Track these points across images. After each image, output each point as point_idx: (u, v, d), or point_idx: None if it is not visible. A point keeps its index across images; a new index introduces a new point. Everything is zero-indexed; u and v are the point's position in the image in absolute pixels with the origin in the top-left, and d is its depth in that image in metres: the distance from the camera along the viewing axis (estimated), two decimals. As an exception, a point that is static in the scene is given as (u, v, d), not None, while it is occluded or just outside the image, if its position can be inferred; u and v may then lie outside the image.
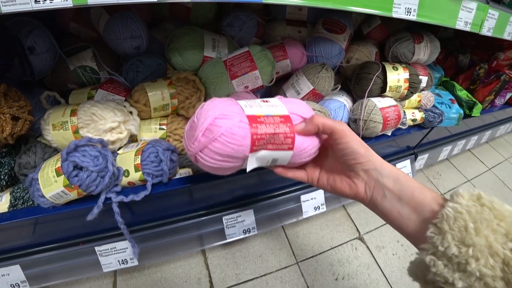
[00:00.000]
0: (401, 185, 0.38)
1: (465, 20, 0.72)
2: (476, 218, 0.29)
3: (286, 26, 0.87)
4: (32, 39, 0.62)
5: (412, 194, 0.37)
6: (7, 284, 0.66)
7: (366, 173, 0.40)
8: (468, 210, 0.29)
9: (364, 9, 0.56)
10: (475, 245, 0.27)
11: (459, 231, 0.29)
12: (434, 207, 0.34)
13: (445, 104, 1.05)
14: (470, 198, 0.31)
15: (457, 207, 0.30)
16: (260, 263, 0.82)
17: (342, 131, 0.40)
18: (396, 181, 0.38)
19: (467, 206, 0.30)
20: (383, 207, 0.39)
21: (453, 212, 0.30)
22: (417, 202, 0.36)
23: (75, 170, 0.53)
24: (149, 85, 0.64)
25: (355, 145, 0.40)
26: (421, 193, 0.36)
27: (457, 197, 0.32)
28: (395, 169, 0.40)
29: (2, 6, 0.38)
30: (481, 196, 0.31)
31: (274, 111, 0.41)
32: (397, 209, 0.38)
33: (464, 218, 0.29)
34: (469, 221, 0.29)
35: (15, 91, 0.59)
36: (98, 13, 0.69)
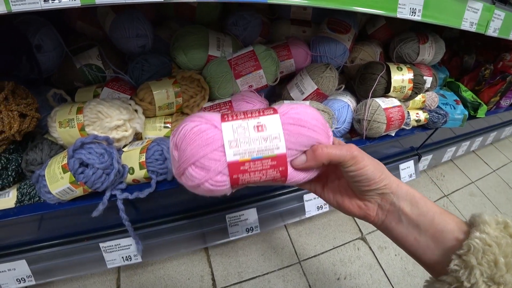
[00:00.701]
0: (419, 210, 0.34)
1: (471, 20, 0.71)
2: (507, 252, 0.26)
3: (290, 26, 0.87)
4: (40, 38, 0.63)
5: (432, 220, 0.33)
6: (13, 278, 0.67)
7: (381, 196, 0.36)
8: (497, 243, 0.27)
9: (369, 10, 0.55)
10: (506, 283, 0.25)
11: (489, 266, 0.26)
12: (458, 235, 0.31)
13: (450, 105, 1.04)
14: (497, 227, 0.29)
15: (485, 239, 0.27)
16: (262, 262, 0.83)
17: (353, 158, 0.34)
18: (414, 205, 0.34)
19: (496, 238, 0.27)
20: (397, 232, 0.36)
21: (481, 244, 0.27)
22: (437, 229, 0.32)
23: (81, 167, 0.53)
24: (154, 84, 0.65)
25: (370, 172, 0.34)
26: (442, 219, 0.33)
27: (484, 226, 0.29)
28: (412, 191, 0.36)
29: (12, 5, 0.39)
30: (508, 225, 0.29)
31: (267, 150, 0.33)
32: (413, 235, 0.34)
33: (493, 251, 0.26)
34: (499, 255, 0.26)
35: (23, 89, 0.59)
36: (105, 12, 0.69)
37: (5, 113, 0.54)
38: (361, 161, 0.34)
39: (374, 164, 0.35)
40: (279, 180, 0.35)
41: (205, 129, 0.33)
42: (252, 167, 0.33)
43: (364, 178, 0.35)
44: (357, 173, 0.35)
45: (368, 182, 0.35)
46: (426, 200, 0.35)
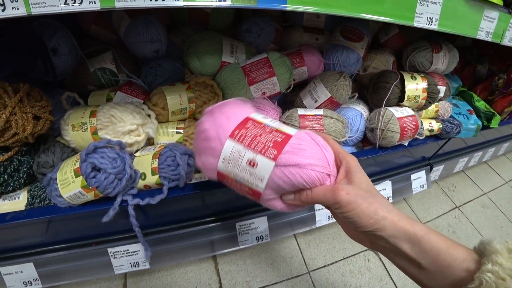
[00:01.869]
0: (421, 248, 0.32)
1: (487, 30, 0.71)
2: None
3: (303, 33, 0.87)
4: (56, 41, 0.64)
5: (437, 257, 0.31)
6: (19, 281, 0.66)
7: (374, 236, 0.34)
8: (511, 275, 0.26)
9: (386, 18, 0.55)
10: None
11: None
12: (468, 265, 0.29)
13: (463, 114, 1.02)
14: (510, 257, 0.27)
15: (498, 272, 0.26)
16: (271, 271, 0.81)
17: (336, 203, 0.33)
18: (414, 244, 0.32)
19: (510, 270, 0.26)
20: (398, 263, 0.35)
21: (494, 278, 0.26)
22: (443, 265, 0.31)
23: (93, 172, 0.53)
24: (168, 89, 0.65)
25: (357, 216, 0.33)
26: (449, 255, 0.31)
27: (496, 256, 0.27)
28: (413, 229, 0.32)
29: (32, 8, 0.39)
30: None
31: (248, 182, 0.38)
32: (415, 269, 0.33)
33: (508, 286, 0.25)
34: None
35: (38, 91, 0.59)
36: (120, 17, 0.70)
37: (19, 115, 0.54)
38: (345, 206, 0.33)
39: (365, 207, 0.33)
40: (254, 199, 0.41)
41: (211, 138, 0.40)
42: (233, 183, 0.40)
43: (353, 220, 0.33)
44: (346, 215, 0.34)
45: (358, 225, 0.33)
46: (430, 235, 0.32)
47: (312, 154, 0.36)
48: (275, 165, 0.35)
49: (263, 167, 0.36)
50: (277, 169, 0.36)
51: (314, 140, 0.38)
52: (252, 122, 0.40)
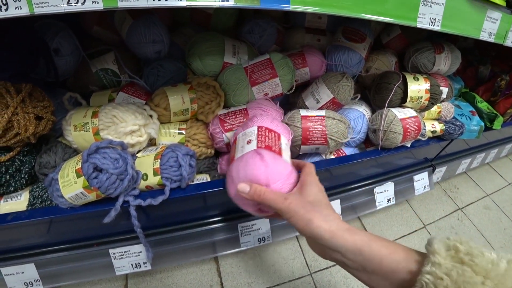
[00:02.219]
0: (363, 256, 0.33)
1: (489, 31, 0.70)
2: (459, 282, 0.26)
3: (305, 34, 0.87)
4: (58, 41, 0.64)
5: (380, 263, 0.33)
6: (20, 282, 0.66)
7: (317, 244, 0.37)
8: (448, 274, 0.27)
9: (389, 19, 0.55)
10: None
11: None
12: (411, 267, 0.31)
13: (466, 116, 1.02)
14: (448, 254, 0.29)
15: (436, 272, 0.27)
16: (273, 273, 0.81)
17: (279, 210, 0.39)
18: (356, 253, 0.34)
19: (446, 269, 0.27)
20: (349, 271, 0.37)
21: (433, 278, 0.27)
22: (387, 271, 0.32)
23: (95, 172, 0.53)
24: (170, 89, 0.65)
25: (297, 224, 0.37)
26: (390, 259, 0.32)
27: (434, 256, 0.29)
28: (352, 238, 0.34)
29: (35, 7, 0.39)
30: (458, 249, 0.28)
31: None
32: (366, 276, 0.34)
33: (445, 284, 0.27)
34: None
35: (40, 91, 0.59)
36: (122, 17, 0.70)
37: (21, 115, 0.54)
38: (286, 213, 0.38)
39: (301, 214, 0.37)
40: None
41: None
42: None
43: (293, 226, 0.39)
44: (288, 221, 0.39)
45: (297, 231, 0.38)
46: (370, 243, 0.34)
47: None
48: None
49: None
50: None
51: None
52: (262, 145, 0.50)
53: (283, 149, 0.50)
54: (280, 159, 0.47)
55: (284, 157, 0.48)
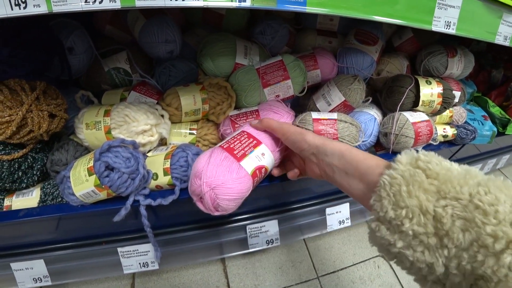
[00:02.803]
0: (345, 159, 0.41)
1: (505, 34, 0.69)
2: (409, 181, 0.30)
3: (316, 36, 0.86)
4: (72, 40, 0.64)
5: (356, 165, 0.39)
6: (30, 277, 0.67)
7: (314, 156, 0.46)
8: (402, 175, 0.31)
9: (404, 22, 0.54)
10: (407, 206, 0.29)
11: (394, 195, 0.30)
12: (379, 171, 0.35)
13: (478, 120, 1.00)
14: (408, 162, 0.32)
15: (392, 173, 0.31)
16: (280, 275, 0.80)
17: (279, 128, 0.51)
18: (341, 156, 0.42)
19: (401, 171, 0.31)
20: (335, 181, 0.43)
21: (389, 178, 0.31)
22: (361, 172, 0.38)
23: (106, 171, 0.53)
24: (182, 89, 0.65)
25: (291, 136, 0.49)
26: (364, 164, 0.38)
27: (395, 163, 0.33)
28: (339, 145, 0.43)
29: (54, 5, 0.39)
30: (419, 158, 0.32)
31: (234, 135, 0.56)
32: (346, 181, 0.41)
33: (398, 182, 0.30)
34: (402, 185, 0.30)
35: (53, 89, 0.60)
36: (135, 17, 0.70)
37: (35, 113, 0.55)
38: (285, 130, 0.51)
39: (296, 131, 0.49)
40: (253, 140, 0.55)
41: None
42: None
43: (291, 143, 0.50)
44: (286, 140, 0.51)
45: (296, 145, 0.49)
46: (352, 150, 0.42)
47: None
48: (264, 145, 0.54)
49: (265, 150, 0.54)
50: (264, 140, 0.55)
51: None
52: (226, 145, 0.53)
53: (249, 155, 0.51)
54: (232, 163, 0.49)
55: (242, 163, 0.50)
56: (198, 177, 0.49)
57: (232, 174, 0.48)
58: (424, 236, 0.28)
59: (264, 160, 0.53)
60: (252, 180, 0.51)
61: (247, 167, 0.50)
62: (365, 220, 0.94)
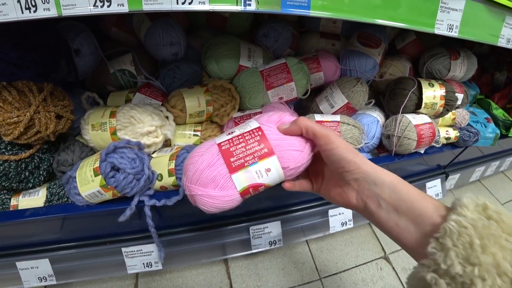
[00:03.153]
0: (397, 195, 0.35)
1: (508, 37, 0.69)
2: (482, 233, 0.26)
3: (319, 39, 0.87)
4: (79, 42, 0.65)
5: (411, 204, 0.34)
6: (35, 276, 0.67)
7: (357, 182, 0.38)
8: (473, 225, 0.27)
9: (407, 25, 0.55)
10: (481, 264, 0.25)
11: (464, 248, 0.26)
12: (435, 219, 0.31)
13: (481, 123, 1.00)
14: (475, 209, 0.28)
15: (461, 221, 0.27)
16: (282, 277, 0.81)
17: (326, 136, 0.38)
18: (392, 190, 0.35)
19: (472, 220, 0.27)
20: (378, 217, 0.37)
21: (457, 226, 0.27)
22: (416, 213, 0.33)
23: (112, 171, 0.54)
24: (186, 91, 0.65)
25: (341, 151, 0.37)
26: (421, 203, 0.33)
27: (461, 209, 0.29)
28: (391, 176, 0.36)
29: (63, 9, 0.40)
30: (487, 207, 0.28)
31: (245, 129, 0.41)
32: (394, 220, 0.35)
33: (469, 233, 0.26)
34: (474, 237, 0.26)
35: (60, 91, 0.61)
36: (140, 19, 0.71)
37: (42, 114, 0.56)
38: (334, 141, 0.38)
39: (346, 147, 0.38)
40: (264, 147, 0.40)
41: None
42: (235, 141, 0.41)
43: (337, 158, 0.38)
44: (330, 153, 0.38)
45: (340, 163, 0.37)
46: (406, 185, 0.36)
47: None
48: (277, 157, 0.40)
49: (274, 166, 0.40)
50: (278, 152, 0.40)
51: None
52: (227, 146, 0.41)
53: (247, 168, 0.39)
54: (221, 172, 0.39)
55: (234, 176, 0.39)
56: (184, 171, 0.42)
57: (216, 186, 0.39)
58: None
59: (266, 177, 0.40)
60: (240, 197, 0.41)
61: (238, 182, 0.39)
62: (367, 222, 0.94)
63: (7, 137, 0.54)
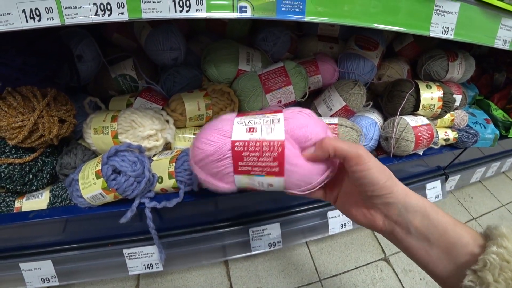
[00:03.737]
0: (430, 221, 0.32)
1: (504, 38, 0.70)
2: None
3: (318, 42, 0.88)
4: (81, 48, 0.67)
5: (444, 232, 0.31)
6: (38, 277, 0.68)
7: (387, 206, 0.34)
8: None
9: (402, 28, 0.56)
10: None
11: (506, 284, 0.25)
12: (472, 249, 0.29)
13: (480, 124, 1.01)
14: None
15: (503, 254, 0.26)
16: (282, 278, 0.81)
17: (357, 157, 0.33)
18: (424, 216, 0.32)
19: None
20: (407, 244, 0.34)
21: (498, 259, 0.26)
22: (450, 242, 0.31)
23: (113, 174, 0.55)
24: (186, 95, 0.67)
25: (374, 175, 0.33)
26: (455, 232, 0.31)
27: (502, 239, 0.27)
28: (422, 201, 0.34)
29: (66, 18, 0.41)
30: None
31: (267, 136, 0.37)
32: (424, 248, 0.32)
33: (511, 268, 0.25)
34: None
35: (63, 96, 0.62)
36: (141, 25, 0.72)
37: (46, 118, 0.57)
38: (366, 162, 0.33)
39: (380, 169, 0.34)
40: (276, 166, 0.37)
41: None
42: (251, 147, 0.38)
43: (368, 181, 0.34)
44: (361, 175, 0.34)
45: (372, 187, 0.34)
46: (438, 211, 0.33)
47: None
48: (284, 180, 0.37)
49: (277, 184, 0.39)
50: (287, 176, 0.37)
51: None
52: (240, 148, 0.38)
53: (251, 176, 0.38)
54: (226, 169, 0.39)
55: (237, 177, 0.39)
56: (192, 148, 0.41)
57: (218, 177, 0.40)
58: None
59: (266, 188, 0.40)
60: (236, 189, 0.42)
61: (239, 182, 0.40)
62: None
63: (11, 141, 0.56)
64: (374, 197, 0.35)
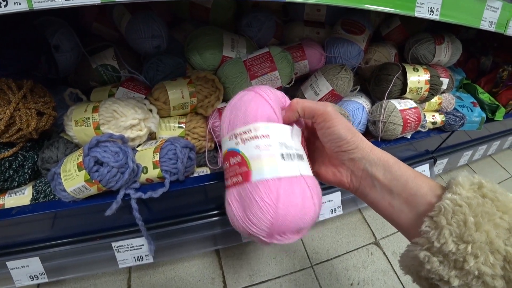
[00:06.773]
0: (392, 174, 0.34)
1: (490, 20, 0.70)
2: (476, 211, 0.26)
3: (304, 27, 0.87)
4: (58, 38, 0.64)
5: (405, 184, 0.33)
6: (26, 275, 0.67)
7: (353, 161, 0.36)
8: (468, 203, 0.27)
9: (386, 8, 0.55)
10: (474, 241, 0.25)
11: (458, 226, 0.26)
12: (430, 199, 0.31)
13: (467, 107, 1.02)
14: (471, 188, 0.28)
15: (456, 199, 0.27)
16: (274, 265, 0.81)
17: (325, 113, 0.35)
18: (387, 170, 0.34)
19: (467, 198, 0.27)
20: (372, 198, 0.36)
21: (452, 204, 0.27)
22: (410, 193, 0.32)
23: (96, 166, 0.53)
24: (169, 84, 0.65)
25: (340, 130, 0.35)
26: (415, 183, 0.32)
27: (456, 187, 0.28)
28: (386, 156, 0.35)
29: (34, 3, 0.39)
30: (482, 185, 0.28)
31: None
32: (387, 200, 0.34)
33: (463, 211, 0.26)
34: (469, 215, 0.26)
35: (41, 88, 0.60)
36: (121, 13, 0.70)
37: (23, 111, 0.55)
38: (333, 118, 0.36)
39: (347, 126, 0.36)
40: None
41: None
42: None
43: (334, 137, 0.36)
44: (329, 131, 0.36)
45: (338, 142, 0.36)
46: (400, 164, 0.35)
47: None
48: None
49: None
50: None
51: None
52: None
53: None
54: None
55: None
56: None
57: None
58: (489, 277, 0.24)
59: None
60: None
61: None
62: (356, 208, 0.95)
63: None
64: (341, 153, 0.37)
